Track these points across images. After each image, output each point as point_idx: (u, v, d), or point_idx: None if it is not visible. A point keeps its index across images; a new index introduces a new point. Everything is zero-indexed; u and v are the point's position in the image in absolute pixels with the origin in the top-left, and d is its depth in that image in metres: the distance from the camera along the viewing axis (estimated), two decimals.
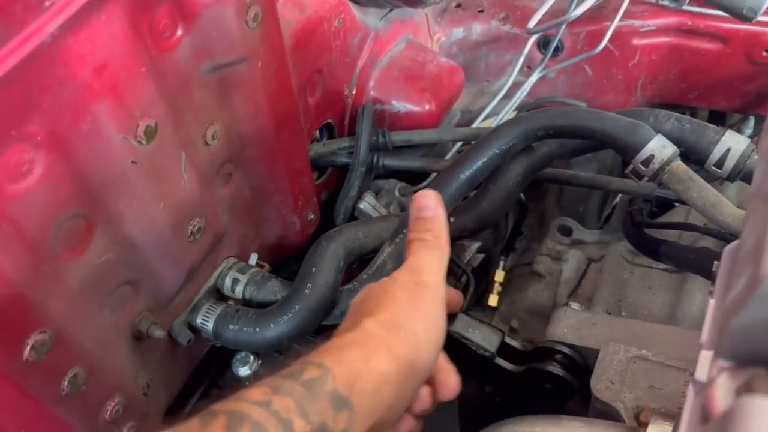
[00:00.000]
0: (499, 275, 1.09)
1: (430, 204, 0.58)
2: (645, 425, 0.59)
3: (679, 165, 0.71)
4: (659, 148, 0.70)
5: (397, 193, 1.04)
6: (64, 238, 0.53)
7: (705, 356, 0.47)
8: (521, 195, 1.06)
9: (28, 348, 0.50)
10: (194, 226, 0.66)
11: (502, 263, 1.10)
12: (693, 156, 0.75)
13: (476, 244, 1.15)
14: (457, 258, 1.11)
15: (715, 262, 0.64)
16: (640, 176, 0.73)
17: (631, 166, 0.74)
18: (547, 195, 1.25)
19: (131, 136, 0.53)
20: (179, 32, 0.57)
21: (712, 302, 0.52)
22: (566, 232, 1.05)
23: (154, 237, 0.61)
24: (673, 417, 0.57)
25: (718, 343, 0.35)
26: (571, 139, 0.78)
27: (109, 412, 0.62)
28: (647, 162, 0.71)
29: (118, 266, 0.60)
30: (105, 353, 0.60)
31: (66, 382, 0.55)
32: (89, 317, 0.57)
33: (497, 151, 0.77)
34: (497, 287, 1.09)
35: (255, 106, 0.70)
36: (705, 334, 0.49)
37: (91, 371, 0.57)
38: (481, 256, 1.18)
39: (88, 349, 0.57)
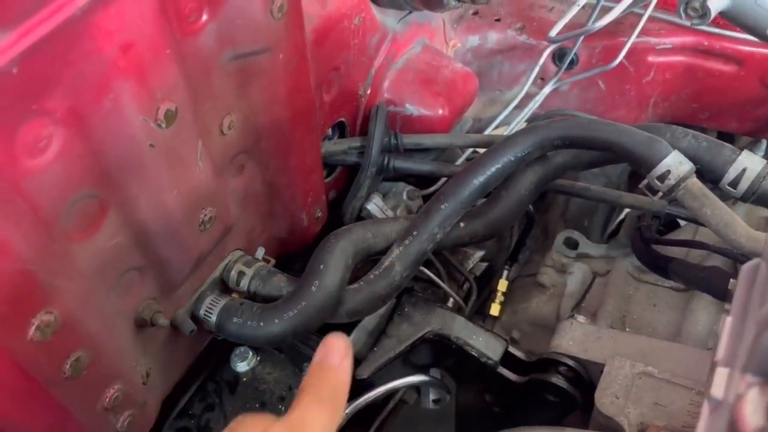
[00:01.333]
0: (502, 285, 1.08)
1: (339, 350, 0.49)
2: None
3: (695, 182, 0.70)
4: (676, 164, 0.70)
5: (404, 197, 1.04)
6: (75, 218, 0.52)
7: (721, 373, 0.46)
8: (529, 206, 1.06)
9: (33, 328, 0.49)
10: (206, 215, 0.65)
11: (505, 273, 1.10)
12: (708, 174, 0.74)
13: (479, 253, 1.15)
14: (460, 265, 1.11)
15: (732, 280, 0.64)
16: (654, 191, 0.73)
17: (645, 181, 0.73)
18: (551, 208, 1.25)
19: (151, 118, 0.52)
20: (204, 17, 0.56)
21: (729, 320, 0.51)
22: (572, 244, 1.04)
23: (166, 223, 0.60)
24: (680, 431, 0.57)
25: (747, 358, 0.35)
26: (586, 150, 0.78)
27: (108, 399, 0.61)
28: (663, 177, 0.71)
29: (127, 251, 0.59)
30: (108, 339, 0.59)
31: (68, 366, 0.54)
32: (96, 301, 0.56)
33: (512, 158, 0.77)
34: (500, 296, 1.08)
35: (273, 98, 0.69)
36: (721, 352, 0.49)
37: (94, 356, 0.56)
38: (484, 264, 1.17)
39: (92, 333, 0.56)
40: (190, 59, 0.56)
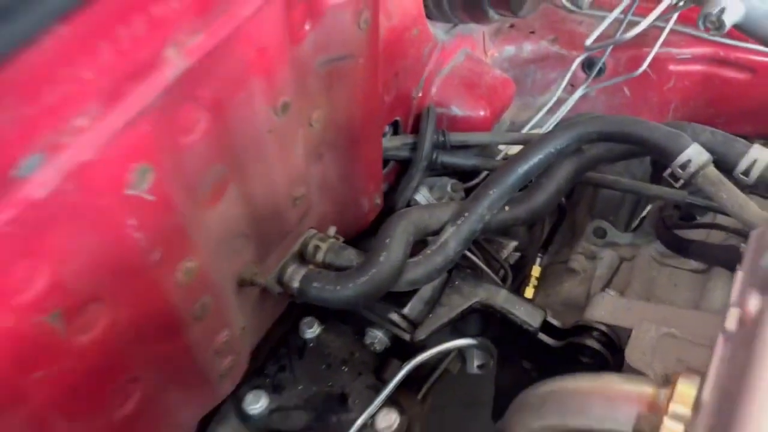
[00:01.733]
0: (536, 270, 1.20)
1: None
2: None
3: (712, 170, 0.82)
4: (695, 154, 0.82)
5: (448, 189, 1.16)
6: (207, 188, 0.65)
7: (733, 312, 0.58)
8: (562, 199, 1.18)
9: (180, 272, 0.61)
10: (298, 192, 0.78)
11: (539, 260, 1.22)
12: (723, 164, 0.86)
13: (513, 243, 1.27)
14: (496, 254, 1.22)
15: (742, 244, 0.75)
16: (676, 179, 0.84)
17: (669, 170, 0.85)
18: (580, 203, 1.36)
19: (272, 108, 0.65)
20: (307, 27, 0.69)
21: (740, 273, 0.63)
22: (600, 234, 1.16)
23: (270, 197, 0.73)
24: (700, 372, 0.68)
25: (751, 281, 0.46)
26: (619, 144, 0.90)
27: (218, 343, 0.73)
28: (684, 166, 0.82)
29: (240, 219, 0.71)
30: (223, 291, 0.71)
31: (197, 308, 0.66)
32: (217, 258, 0.69)
33: (553, 150, 0.88)
34: (533, 281, 1.19)
35: (351, 98, 0.82)
36: (734, 295, 0.60)
37: (214, 303, 0.69)
38: (517, 254, 1.29)
39: (214, 283, 0.68)
40: (295, 62, 0.69)
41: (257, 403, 0.94)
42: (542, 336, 0.92)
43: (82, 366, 0.59)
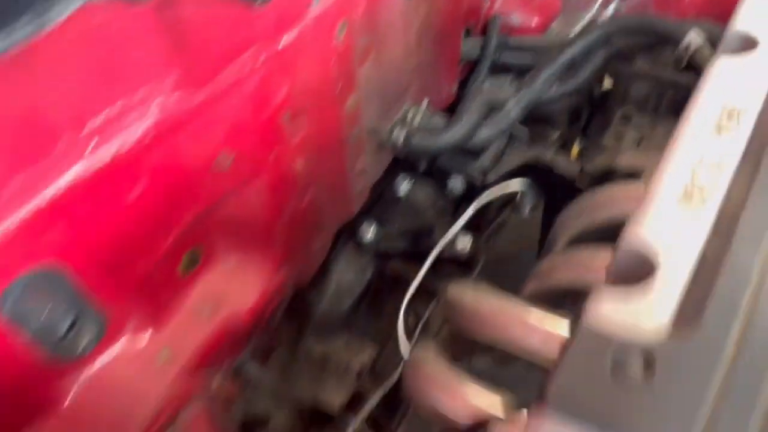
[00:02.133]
0: (575, 150, 1.53)
1: None
2: None
3: (706, 50, 1.13)
4: (694, 38, 1.13)
5: (507, 85, 1.48)
6: (360, 51, 0.99)
7: None
8: (595, 90, 1.49)
9: (348, 103, 0.96)
10: (410, 66, 1.12)
11: (576, 143, 1.54)
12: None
13: (557, 132, 1.59)
14: (543, 140, 1.55)
15: None
16: (681, 59, 1.16)
17: (676, 54, 1.16)
18: (615, 101, 1.67)
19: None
20: None
21: None
22: (627, 118, 1.47)
23: (393, 67, 1.07)
24: None
25: None
26: (638, 36, 1.21)
27: (359, 166, 1.08)
28: (686, 48, 1.13)
29: (374, 80, 1.05)
30: (362, 129, 1.06)
31: (353, 133, 1.01)
32: (362, 104, 1.03)
33: (589, 42, 1.20)
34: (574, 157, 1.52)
35: (441, 13, 1.14)
36: None
37: (359, 135, 1.04)
38: (560, 141, 1.61)
39: (361, 121, 1.03)
40: None
41: (369, 232, 1.30)
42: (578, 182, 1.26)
43: (290, 159, 0.94)
